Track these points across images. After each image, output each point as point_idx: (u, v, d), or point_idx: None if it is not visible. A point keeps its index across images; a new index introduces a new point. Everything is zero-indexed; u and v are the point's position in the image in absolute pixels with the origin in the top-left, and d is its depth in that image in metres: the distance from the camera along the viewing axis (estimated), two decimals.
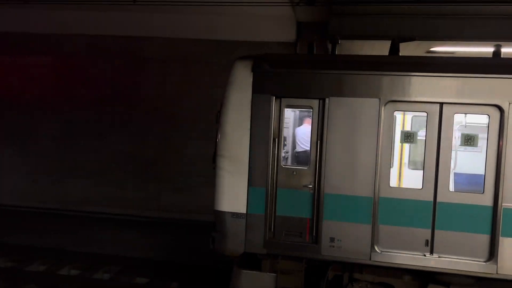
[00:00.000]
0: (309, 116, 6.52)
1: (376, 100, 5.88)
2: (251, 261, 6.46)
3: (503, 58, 6.20)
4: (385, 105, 5.88)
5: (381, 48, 10.56)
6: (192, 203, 12.23)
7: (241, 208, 6.23)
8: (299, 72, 6.13)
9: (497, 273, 5.70)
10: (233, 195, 6.27)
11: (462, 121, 6.38)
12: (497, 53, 6.17)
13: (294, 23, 11.78)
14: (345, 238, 6.03)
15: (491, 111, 5.72)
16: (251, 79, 6.15)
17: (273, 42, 11.94)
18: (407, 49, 9.83)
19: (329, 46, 6.79)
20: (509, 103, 5.62)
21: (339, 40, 6.74)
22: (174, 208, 12.48)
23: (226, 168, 6.28)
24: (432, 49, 11.20)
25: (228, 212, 6.26)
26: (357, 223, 6.00)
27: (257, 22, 11.69)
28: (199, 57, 12.32)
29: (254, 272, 6.40)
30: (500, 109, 5.66)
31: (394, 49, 6.44)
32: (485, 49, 8.78)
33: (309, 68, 6.15)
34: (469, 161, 6.55)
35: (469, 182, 6.45)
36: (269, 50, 11.80)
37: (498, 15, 9.52)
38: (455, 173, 6.29)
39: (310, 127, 6.25)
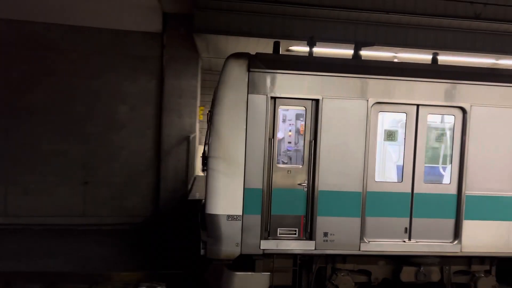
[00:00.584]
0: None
1: (365, 101, 6.33)
2: (236, 262, 6.31)
3: (473, 67, 7.17)
4: (372, 106, 6.37)
5: (246, 44, 11.07)
6: (45, 205, 11.05)
7: (237, 210, 6.12)
8: (294, 73, 6.23)
9: (461, 251, 6.67)
10: (228, 197, 6.12)
11: (434, 121, 6.99)
12: (434, 60, 7.20)
13: (160, 13, 11.50)
14: (337, 232, 6.37)
15: (457, 112, 6.66)
16: (247, 79, 6.11)
17: (138, 32, 11.47)
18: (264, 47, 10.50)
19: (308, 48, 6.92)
20: (471, 106, 6.60)
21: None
22: (24, 213, 11.04)
23: (221, 170, 6.11)
24: (291, 48, 12.06)
25: (223, 215, 6.09)
26: (348, 217, 6.41)
27: (121, 9, 11.08)
28: (53, 43, 11.16)
29: (248, 273, 6.33)
30: (464, 111, 6.62)
31: (357, 53, 6.91)
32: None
33: (303, 69, 6.28)
34: (438, 156, 7.14)
35: (439, 174, 7.11)
36: (133, 39, 11.41)
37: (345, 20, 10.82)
38: (427, 167, 6.85)
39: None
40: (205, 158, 6.31)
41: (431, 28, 11.76)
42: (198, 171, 14.39)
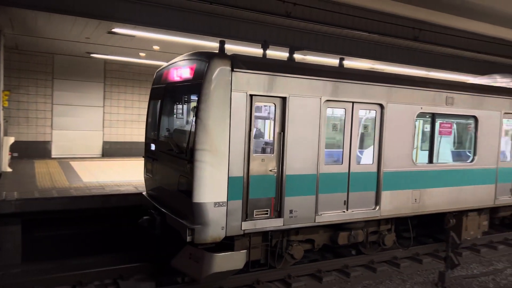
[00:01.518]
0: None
1: (319, 99, 7.42)
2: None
3: (388, 72, 8.98)
4: (323, 103, 7.46)
5: (60, 23, 9.94)
6: None
7: (222, 197, 6.60)
8: (267, 74, 6.96)
9: (380, 215, 8.36)
10: (214, 186, 6.54)
11: (363, 115, 8.34)
12: (341, 63, 8.69)
13: None
14: (299, 209, 7.40)
15: (377, 107, 8.16)
16: (230, 78, 6.59)
17: None
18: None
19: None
20: (387, 102, 8.20)
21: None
22: None
23: (208, 161, 6.49)
24: (113, 30, 11.37)
25: (210, 202, 6.51)
26: (307, 196, 7.48)
27: None
28: None
29: (228, 253, 6.84)
30: (382, 106, 8.17)
31: (291, 55, 8.13)
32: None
33: (274, 71, 7.06)
34: (366, 142, 8.57)
35: (366, 156, 8.50)
36: None
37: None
38: (358, 151, 8.35)
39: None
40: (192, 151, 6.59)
41: (370, 42, 14.53)
42: (6, 166, 12.43)
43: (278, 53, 13.62)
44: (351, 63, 14.84)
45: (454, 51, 15.89)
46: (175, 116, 8.29)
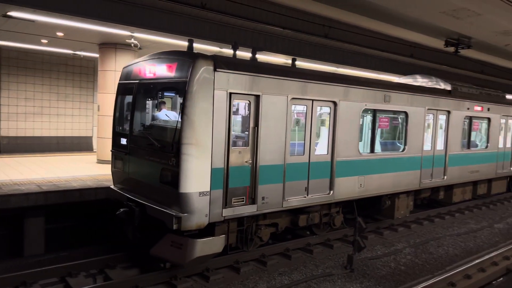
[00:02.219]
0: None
1: (286, 97, 8.18)
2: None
3: (341, 74, 10.38)
4: (290, 100, 8.25)
5: None
6: None
7: (206, 186, 7.11)
8: (244, 74, 7.58)
9: (334, 199, 9.40)
10: (199, 177, 7.04)
11: (321, 111, 9.25)
12: (293, 64, 9.58)
13: None
14: (270, 195, 8.12)
15: (331, 104, 9.12)
16: (213, 78, 7.10)
17: None
18: None
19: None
20: (339, 100, 9.20)
21: None
22: None
23: (194, 154, 6.97)
24: (9, 13, 10.35)
25: (196, 192, 7.00)
26: (276, 184, 8.24)
27: None
28: None
29: (209, 238, 7.33)
30: (335, 104, 9.11)
31: (254, 56, 8.72)
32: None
33: (250, 71, 7.71)
34: (322, 135, 9.45)
35: (322, 147, 9.32)
36: None
37: None
38: (317, 143, 9.22)
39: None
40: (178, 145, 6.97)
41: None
42: None
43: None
44: (264, 57, 15.16)
45: (361, 49, 16.98)
46: (151, 112, 8.62)
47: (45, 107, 18.17)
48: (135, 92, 8.36)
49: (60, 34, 13.11)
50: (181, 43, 13.15)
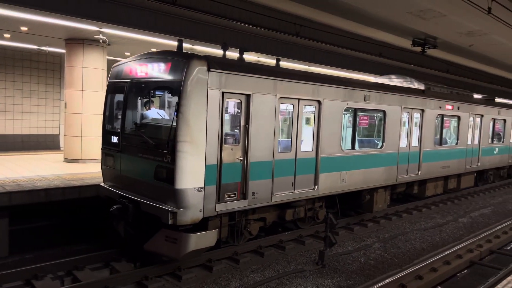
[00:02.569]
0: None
1: (274, 96, 8.52)
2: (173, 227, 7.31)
3: (325, 74, 10.75)
4: (278, 99, 8.60)
5: None
6: None
7: (200, 183, 7.32)
8: (235, 74, 7.82)
9: (318, 194, 9.78)
10: (194, 173, 7.25)
11: (306, 110, 9.56)
12: (277, 64, 10.08)
13: None
14: (260, 191, 8.43)
15: (316, 103, 9.51)
16: (207, 78, 7.31)
17: None
18: None
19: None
20: (323, 99, 9.59)
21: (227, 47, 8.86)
22: None
23: (189, 151, 7.17)
24: None
25: (191, 188, 7.20)
26: (265, 179, 8.54)
27: None
28: None
29: (203, 232, 7.55)
30: (319, 103, 9.50)
31: (241, 55, 9.01)
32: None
33: (241, 72, 7.95)
34: (308, 132, 9.70)
35: (308, 145, 9.63)
36: None
37: None
38: (303, 140, 9.48)
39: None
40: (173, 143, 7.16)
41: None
42: None
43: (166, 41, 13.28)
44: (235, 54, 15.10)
45: (332, 47, 17.19)
46: (144, 110, 8.65)
47: (8, 104, 17.48)
48: (126, 91, 8.46)
49: (24, 28, 12.63)
50: (152, 40, 12.94)
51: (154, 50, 12.69)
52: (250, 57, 15.78)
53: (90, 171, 12.00)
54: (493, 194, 18.01)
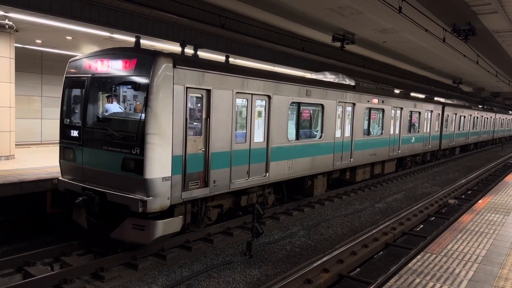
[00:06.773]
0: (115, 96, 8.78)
1: (231, 91, 9.13)
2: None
3: (276, 72, 12.14)
4: (234, 94, 9.23)
5: None
6: None
7: (168, 172, 7.81)
8: (197, 71, 8.31)
9: (269, 180, 10.70)
10: (162, 163, 7.70)
11: (258, 104, 10.29)
12: (227, 60, 10.47)
13: None
14: (220, 179, 9.05)
15: (266, 98, 10.40)
16: (173, 74, 7.78)
17: None
18: None
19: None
20: (273, 94, 10.50)
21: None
22: None
23: (157, 143, 7.60)
24: None
25: (159, 177, 7.66)
26: (225, 168, 9.16)
27: None
28: None
29: (170, 219, 8.04)
30: (269, 97, 10.40)
31: (196, 52, 9.34)
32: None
33: (203, 68, 8.44)
34: (259, 124, 10.43)
35: (260, 135, 10.39)
36: None
37: None
38: (256, 131, 10.22)
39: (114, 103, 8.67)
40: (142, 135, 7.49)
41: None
42: None
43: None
44: (160, 45, 14.68)
45: (256, 40, 17.38)
46: (102, 104, 8.73)
47: None
48: (87, 86, 8.54)
49: None
50: (65, 26, 12.07)
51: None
52: (173, 47, 15.41)
53: (3, 168, 10.97)
54: (405, 180, 19.57)
